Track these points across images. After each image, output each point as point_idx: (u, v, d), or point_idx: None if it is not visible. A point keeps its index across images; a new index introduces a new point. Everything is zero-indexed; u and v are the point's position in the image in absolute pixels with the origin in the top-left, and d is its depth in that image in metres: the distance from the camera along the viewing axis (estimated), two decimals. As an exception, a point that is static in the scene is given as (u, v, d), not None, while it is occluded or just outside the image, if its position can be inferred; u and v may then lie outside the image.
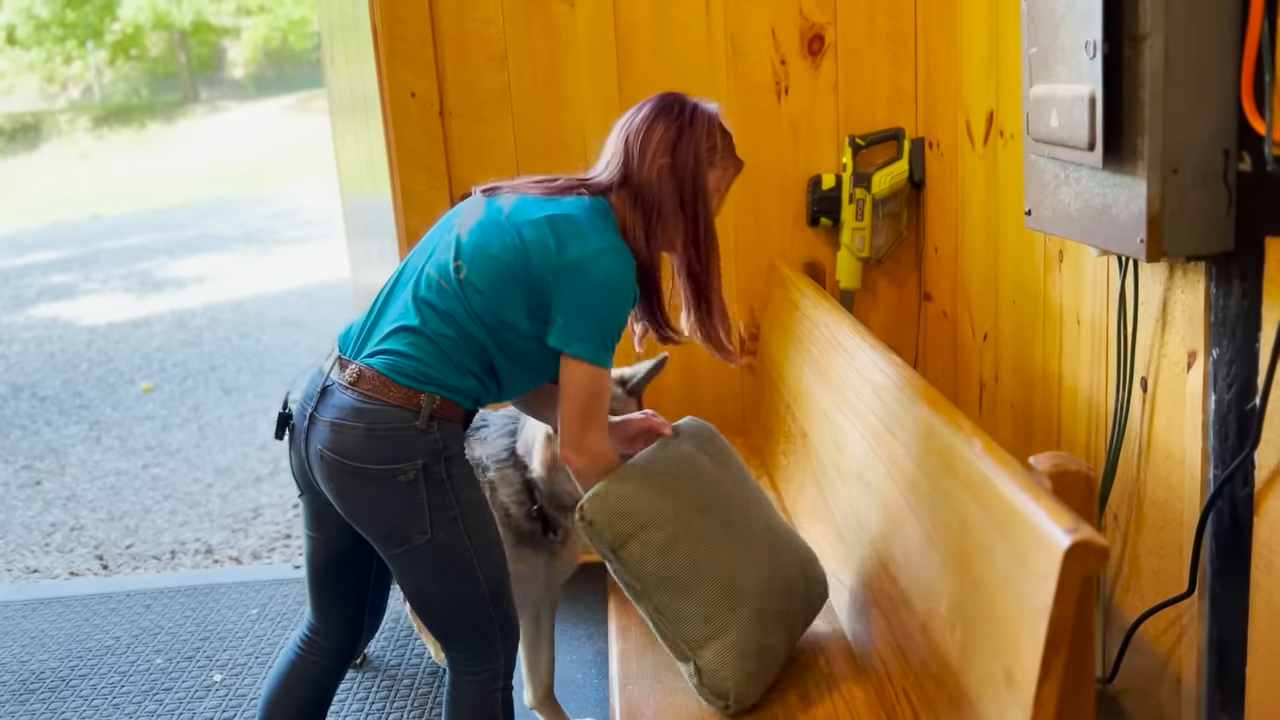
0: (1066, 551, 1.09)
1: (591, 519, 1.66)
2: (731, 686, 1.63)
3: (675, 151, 1.70)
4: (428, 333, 1.63)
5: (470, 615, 1.69)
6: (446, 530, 1.64)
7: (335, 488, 1.65)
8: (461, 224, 1.71)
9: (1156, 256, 1.45)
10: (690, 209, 1.71)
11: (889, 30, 2.81)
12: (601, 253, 1.63)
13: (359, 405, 1.61)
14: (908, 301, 2.96)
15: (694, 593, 1.64)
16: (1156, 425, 1.71)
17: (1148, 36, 1.39)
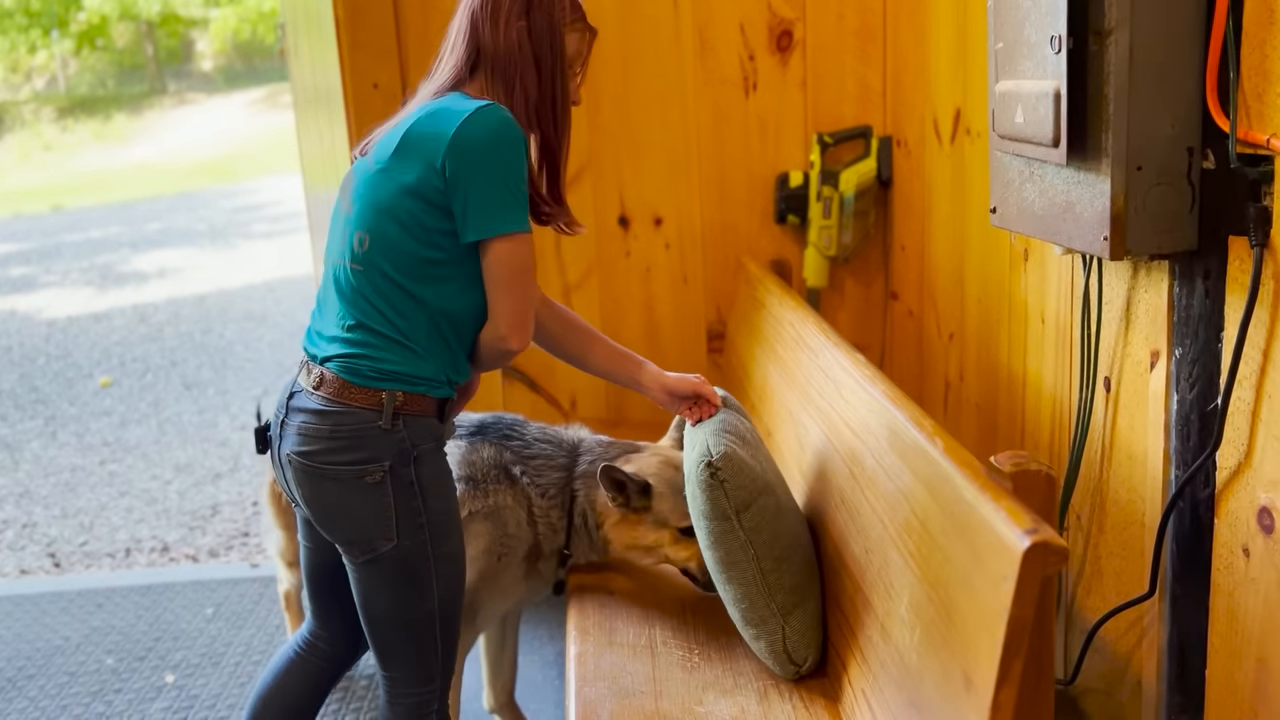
0: (1025, 552, 1.07)
1: (725, 479, 1.64)
2: (810, 652, 1.69)
3: (529, 14, 1.62)
4: (370, 325, 1.58)
5: (416, 634, 1.64)
6: (411, 538, 1.59)
7: (304, 492, 1.60)
8: (343, 202, 1.65)
9: (1120, 255, 1.43)
10: (549, 74, 1.63)
11: (858, 27, 2.80)
12: (474, 115, 1.53)
13: (323, 409, 1.57)
14: (874, 300, 2.95)
15: (790, 561, 1.70)
16: (1120, 425, 1.70)
17: (1113, 31, 1.38)
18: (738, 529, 1.65)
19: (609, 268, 2.90)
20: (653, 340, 2.94)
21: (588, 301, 2.91)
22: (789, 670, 1.69)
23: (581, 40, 1.70)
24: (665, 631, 1.84)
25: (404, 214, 1.56)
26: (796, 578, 1.69)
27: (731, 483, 1.64)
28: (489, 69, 1.63)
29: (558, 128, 1.67)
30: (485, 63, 1.63)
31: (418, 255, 1.56)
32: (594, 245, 2.88)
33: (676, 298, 2.94)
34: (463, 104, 1.56)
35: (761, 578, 1.67)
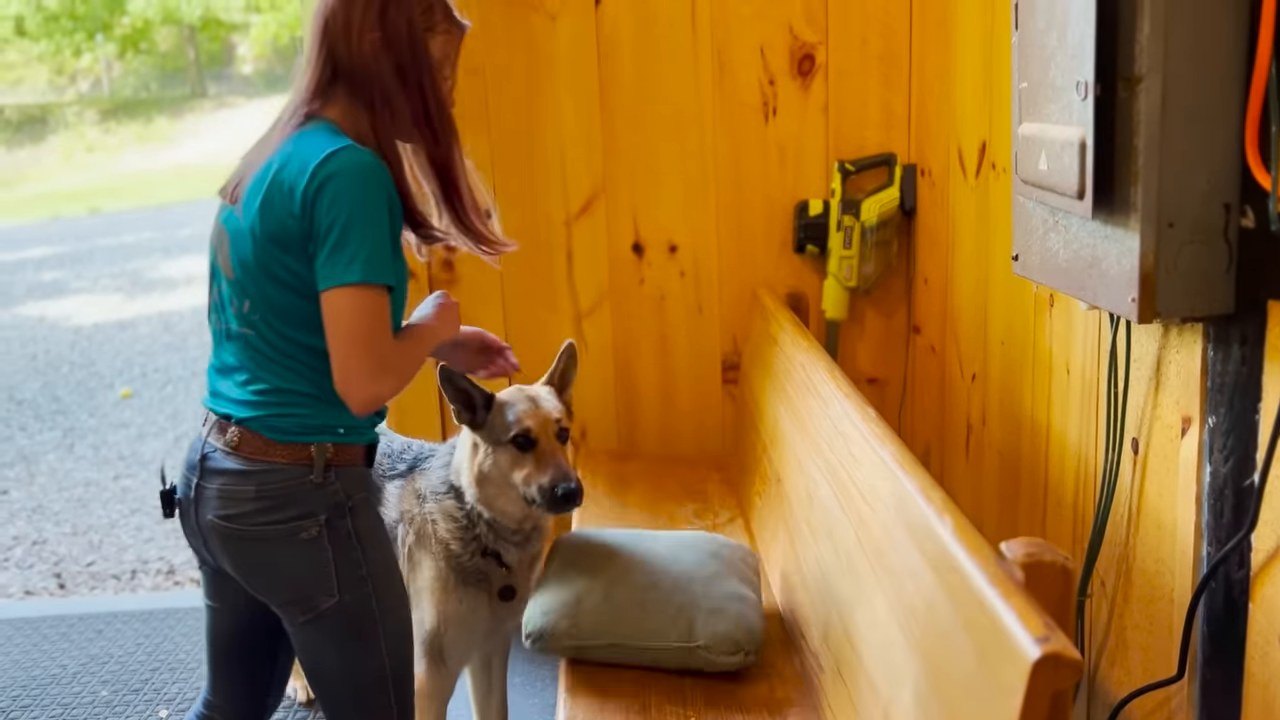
0: (1035, 664, 0.97)
1: (541, 635, 1.80)
2: (736, 633, 1.74)
3: (384, 21, 1.49)
4: (282, 386, 1.50)
5: (370, 695, 1.56)
6: (354, 592, 1.52)
7: (233, 557, 1.53)
8: (222, 259, 1.55)
9: (1149, 318, 1.33)
10: (416, 85, 1.51)
11: (882, 52, 2.69)
12: (326, 160, 1.43)
13: (245, 468, 1.48)
14: (896, 333, 2.84)
15: (650, 606, 1.78)
16: (1148, 491, 1.59)
17: (1143, 78, 1.27)
18: (593, 644, 1.79)
19: (622, 295, 2.82)
20: (666, 370, 2.85)
21: (600, 330, 2.82)
22: (735, 661, 1.75)
23: (449, 42, 1.57)
24: (661, 694, 1.75)
25: (280, 270, 1.47)
26: (670, 605, 1.78)
27: (551, 633, 1.80)
28: (347, 86, 1.51)
29: (439, 139, 1.55)
30: (343, 79, 1.51)
31: (305, 310, 1.47)
32: (607, 272, 2.80)
33: (691, 327, 2.84)
34: (319, 144, 1.46)
35: (646, 644, 1.77)
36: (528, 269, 2.78)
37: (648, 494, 2.56)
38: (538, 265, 2.78)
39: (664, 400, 2.87)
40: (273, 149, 1.51)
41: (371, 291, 1.43)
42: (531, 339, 2.82)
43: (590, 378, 2.84)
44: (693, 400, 2.88)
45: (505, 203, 2.74)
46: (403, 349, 1.54)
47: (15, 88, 23.82)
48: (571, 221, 2.77)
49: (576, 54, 2.69)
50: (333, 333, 1.45)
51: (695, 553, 1.91)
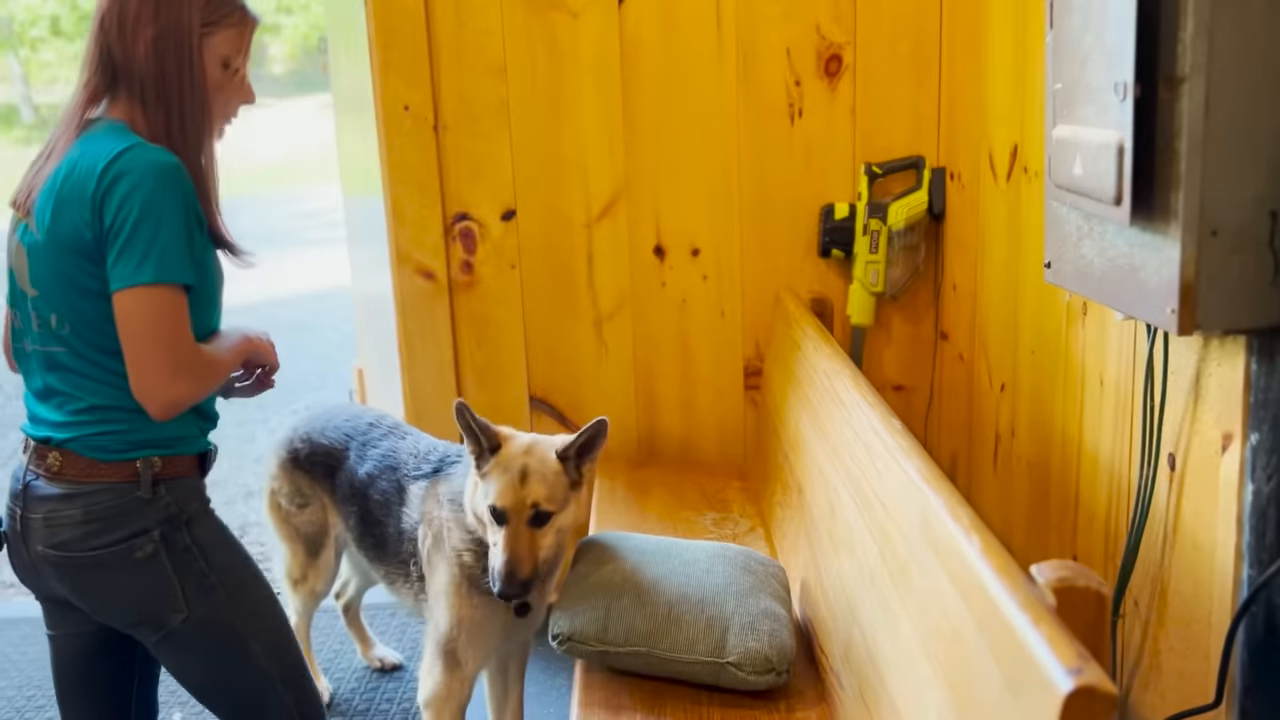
0: (1068, 697, 0.91)
1: (569, 636, 1.74)
2: (769, 651, 1.69)
3: (159, 18, 1.45)
4: (100, 403, 1.46)
5: (257, 697, 1.52)
6: (204, 603, 1.49)
7: (70, 586, 1.48)
8: (21, 279, 1.51)
9: (1189, 330, 1.27)
10: (180, 85, 1.47)
11: (911, 52, 2.63)
12: (117, 157, 1.40)
13: (70, 492, 1.45)
14: (923, 340, 2.78)
15: (682, 617, 1.73)
16: (1185, 509, 1.53)
17: (1186, 79, 1.21)
18: (618, 650, 1.74)
19: (643, 299, 2.78)
20: (687, 375, 2.81)
21: (620, 333, 2.78)
22: (766, 681, 1.69)
23: (239, 35, 1.53)
24: (678, 708, 1.71)
25: (83, 277, 1.44)
26: (702, 617, 1.73)
27: (578, 632, 1.74)
28: (125, 83, 1.47)
29: (188, 141, 1.50)
30: (121, 77, 1.48)
31: (114, 317, 1.43)
32: (628, 275, 2.76)
33: (713, 331, 2.80)
34: (106, 145, 1.42)
35: (674, 655, 1.71)
36: (547, 271, 2.74)
37: (667, 501, 2.52)
38: (558, 267, 2.74)
39: (684, 406, 2.83)
40: (59, 156, 1.48)
41: (166, 291, 1.40)
42: (551, 342, 2.78)
43: (610, 382, 2.80)
44: (713, 406, 2.83)
45: (525, 203, 2.71)
46: (204, 353, 1.49)
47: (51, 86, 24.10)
48: (592, 224, 2.73)
49: (599, 53, 2.65)
50: (126, 334, 1.41)
51: (729, 565, 1.86)
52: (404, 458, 1.99)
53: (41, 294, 1.49)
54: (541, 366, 2.80)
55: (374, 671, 2.65)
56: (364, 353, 4.00)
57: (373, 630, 2.76)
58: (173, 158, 1.44)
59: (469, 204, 2.71)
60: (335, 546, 2.25)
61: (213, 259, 1.56)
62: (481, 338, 2.77)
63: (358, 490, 2.04)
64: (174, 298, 1.42)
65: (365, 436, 2.11)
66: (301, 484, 2.22)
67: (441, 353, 2.76)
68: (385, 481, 1.99)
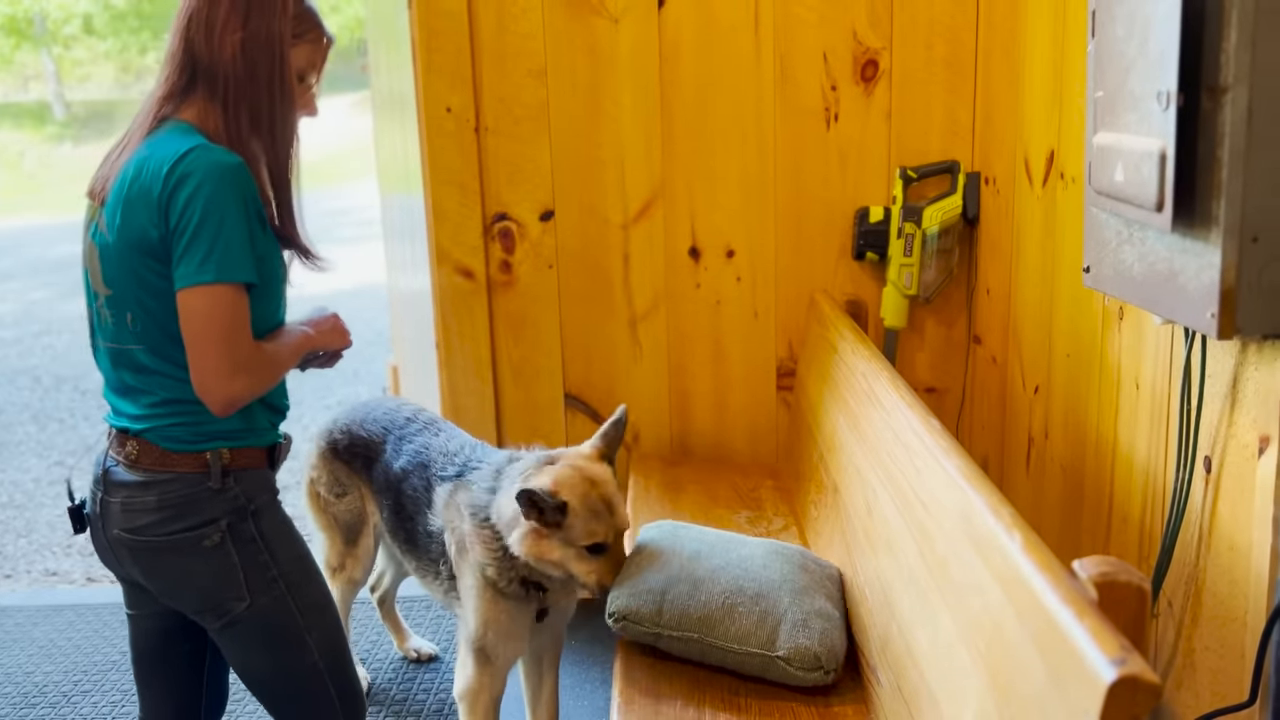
0: (1111, 686, 0.94)
1: (624, 615, 1.78)
2: (819, 649, 1.72)
3: (248, 24, 1.49)
4: (174, 397, 1.52)
5: (305, 690, 1.58)
6: (266, 593, 1.54)
7: (142, 568, 1.55)
8: (93, 281, 1.57)
9: (1229, 335, 1.29)
10: (268, 90, 1.51)
11: (947, 58, 2.66)
12: (183, 158, 1.44)
13: (146, 479, 1.51)
14: (956, 343, 2.81)
15: (736, 608, 1.77)
16: (1220, 511, 1.55)
17: (1230, 89, 1.24)
18: (670, 634, 1.77)
19: (678, 299, 2.81)
20: (720, 374, 2.84)
21: (654, 333, 2.82)
22: (814, 678, 1.73)
23: (315, 51, 1.58)
24: (716, 700, 1.74)
25: (152, 277, 1.49)
26: (755, 610, 1.76)
27: (633, 613, 1.78)
28: (205, 84, 1.52)
29: (278, 146, 1.56)
30: (201, 77, 1.52)
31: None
32: (663, 276, 2.80)
33: (746, 332, 2.83)
34: (172, 146, 1.47)
35: (725, 644, 1.75)
36: (584, 271, 2.78)
37: (700, 499, 2.55)
38: (594, 268, 2.79)
39: (717, 405, 2.86)
40: (130, 152, 1.53)
41: (227, 290, 1.45)
42: (586, 341, 2.82)
43: (644, 381, 2.84)
44: (747, 406, 2.87)
45: (563, 204, 2.75)
46: (264, 350, 1.53)
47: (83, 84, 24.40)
48: (629, 224, 2.77)
49: (638, 57, 2.69)
50: (188, 332, 1.46)
51: (786, 563, 1.89)
52: (434, 455, 2.02)
53: (115, 293, 1.54)
54: (577, 365, 2.85)
55: (410, 662, 2.70)
56: (398, 349, 4.06)
57: (408, 622, 2.81)
58: (235, 158, 1.48)
59: (508, 204, 2.76)
60: (374, 535, 2.29)
61: (277, 256, 1.61)
62: (518, 336, 2.82)
63: (392, 484, 2.08)
64: (235, 296, 1.46)
65: (403, 430, 2.14)
66: (340, 474, 2.27)
67: (479, 350, 2.81)
68: (417, 479, 2.02)
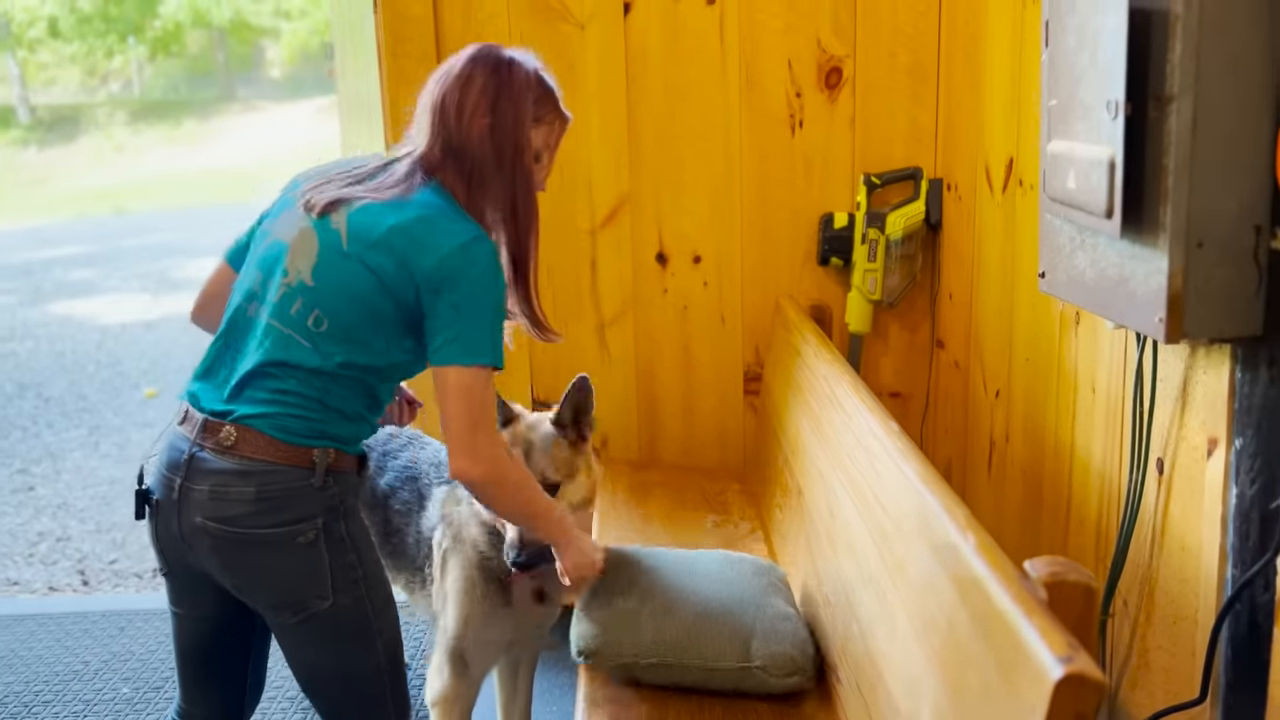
0: (1058, 684, 0.97)
1: (594, 652, 1.76)
2: (793, 653, 1.74)
3: (495, 110, 1.57)
4: (305, 392, 1.52)
5: (367, 691, 1.58)
6: (349, 593, 1.54)
7: (223, 560, 1.52)
8: (296, 261, 1.55)
9: (1176, 338, 1.32)
10: (510, 172, 1.59)
11: (910, 66, 2.70)
12: (465, 246, 1.51)
13: (244, 469, 1.48)
14: (919, 348, 2.84)
15: (707, 627, 1.76)
16: (1172, 511, 1.58)
17: (1175, 98, 1.27)
18: (646, 663, 1.76)
19: (645, 304, 2.83)
20: (688, 379, 2.86)
21: (622, 338, 2.83)
22: (793, 683, 1.74)
23: (552, 132, 1.66)
24: (681, 706, 1.75)
25: (379, 312, 1.52)
26: (726, 627, 1.76)
27: (605, 651, 1.76)
28: (453, 159, 1.59)
29: (520, 229, 1.63)
30: (450, 153, 1.59)
31: (382, 353, 1.54)
32: (630, 281, 2.81)
33: (713, 337, 2.85)
34: (453, 223, 1.53)
35: (701, 664, 1.74)
36: (551, 277, 2.79)
37: (668, 504, 2.57)
38: (562, 273, 2.80)
39: (685, 410, 2.88)
40: (388, 194, 1.56)
41: (487, 372, 1.53)
42: (554, 347, 2.83)
43: (612, 386, 2.85)
44: (714, 411, 2.88)
45: (531, 211, 2.76)
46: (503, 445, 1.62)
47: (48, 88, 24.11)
48: (596, 230, 2.78)
49: (604, 63, 2.70)
50: (446, 404, 1.53)
51: (740, 572, 1.90)
52: (424, 468, 2.03)
53: (319, 289, 1.53)
54: (545, 370, 2.85)
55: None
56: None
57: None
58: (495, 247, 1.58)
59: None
60: None
61: None
62: (486, 341, 2.82)
63: (379, 501, 2.07)
64: (491, 382, 1.55)
65: (385, 447, 2.13)
66: None
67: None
68: (406, 492, 2.02)
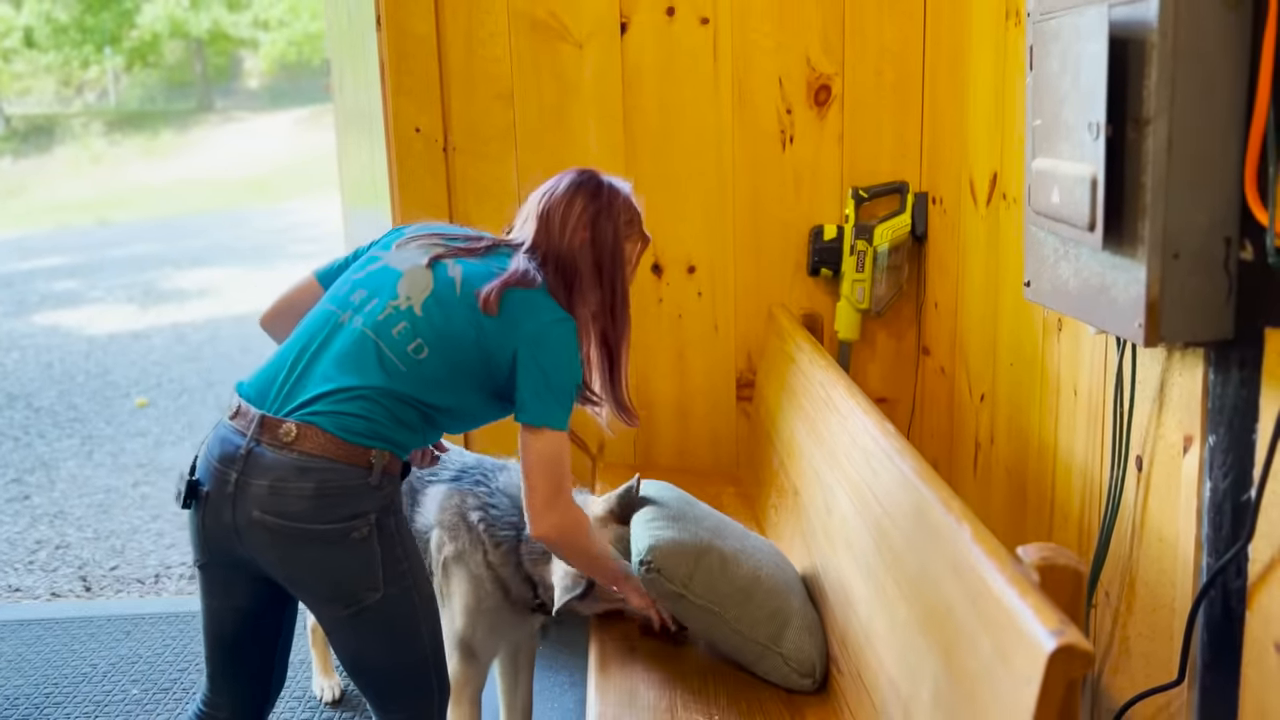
0: (1051, 655, 1.06)
1: (658, 567, 1.81)
2: (815, 657, 1.83)
3: (595, 226, 1.76)
4: (379, 400, 1.62)
5: (414, 677, 1.67)
6: (398, 585, 1.63)
7: (278, 553, 1.59)
8: (410, 289, 1.69)
9: (1154, 342, 1.42)
10: (609, 280, 1.77)
11: (896, 83, 2.80)
12: (555, 323, 1.68)
13: (303, 465, 1.56)
14: (906, 355, 2.94)
15: (754, 596, 1.84)
16: (1151, 506, 1.68)
17: (1151, 121, 1.37)
18: (693, 600, 1.82)
19: (641, 313, 2.91)
20: (682, 385, 2.95)
21: (619, 347, 2.92)
22: (804, 684, 1.82)
23: (633, 248, 1.84)
24: (687, 694, 1.84)
25: (469, 360, 1.66)
26: (769, 604, 1.84)
27: (668, 567, 1.81)
28: (553, 266, 1.75)
29: (616, 328, 1.80)
30: (550, 259, 1.75)
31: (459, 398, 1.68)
32: (627, 292, 2.90)
33: (707, 345, 2.94)
34: (549, 306, 1.70)
35: (736, 626, 1.82)
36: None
37: (665, 506, 2.64)
38: (561, 283, 2.88)
39: (680, 415, 2.97)
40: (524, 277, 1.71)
41: (561, 436, 1.68)
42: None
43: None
44: (707, 416, 2.97)
45: (531, 223, 2.84)
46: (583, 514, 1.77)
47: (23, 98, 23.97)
48: (594, 242, 2.87)
49: (602, 81, 2.80)
50: (530, 464, 1.67)
51: (789, 568, 2.00)
52: None
53: (426, 320, 1.66)
54: (543, 377, 2.93)
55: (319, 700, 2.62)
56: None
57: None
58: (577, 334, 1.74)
59: (476, 223, 2.84)
60: None
61: None
62: (487, 350, 2.90)
63: None
64: (567, 444, 1.70)
65: None
66: None
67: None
68: None
